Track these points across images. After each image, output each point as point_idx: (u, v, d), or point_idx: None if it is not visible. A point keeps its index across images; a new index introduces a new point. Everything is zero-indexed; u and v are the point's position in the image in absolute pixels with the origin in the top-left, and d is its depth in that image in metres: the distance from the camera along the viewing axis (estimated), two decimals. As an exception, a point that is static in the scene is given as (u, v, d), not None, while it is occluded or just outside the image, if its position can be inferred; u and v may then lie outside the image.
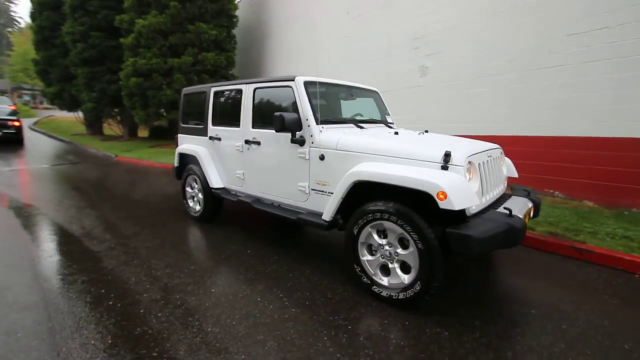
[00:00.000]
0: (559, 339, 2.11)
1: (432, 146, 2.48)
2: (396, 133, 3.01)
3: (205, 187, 4.18)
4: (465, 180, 2.21)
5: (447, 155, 2.30)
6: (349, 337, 2.11)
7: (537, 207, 2.96)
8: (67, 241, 3.77)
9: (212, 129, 4.12)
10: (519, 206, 2.59)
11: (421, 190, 2.17)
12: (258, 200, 3.61)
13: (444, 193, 2.06)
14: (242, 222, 4.53)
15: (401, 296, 2.35)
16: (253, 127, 3.57)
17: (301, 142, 3.02)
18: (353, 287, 2.71)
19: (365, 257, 2.58)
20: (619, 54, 4.27)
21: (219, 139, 4.02)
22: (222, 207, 4.41)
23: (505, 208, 2.35)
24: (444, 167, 2.28)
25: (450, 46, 6.32)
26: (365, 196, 2.59)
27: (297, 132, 3.02)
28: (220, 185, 4.08)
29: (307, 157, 3.03)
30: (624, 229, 3.70)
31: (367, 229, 2.51)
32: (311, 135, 2.98)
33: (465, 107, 6.18)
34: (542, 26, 4.95)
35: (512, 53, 5.40)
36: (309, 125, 3.00)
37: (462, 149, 2.39)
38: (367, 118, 3.71)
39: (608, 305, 2.53)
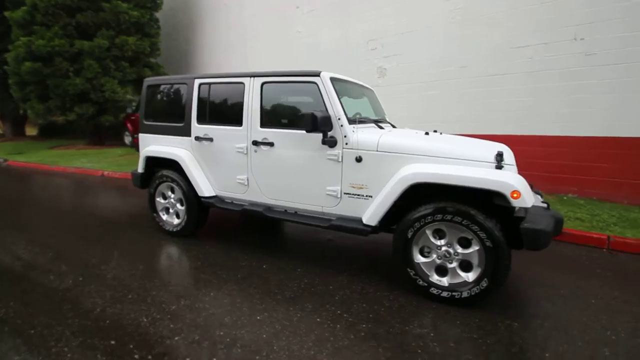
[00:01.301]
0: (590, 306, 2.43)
1: (479, 147, 2.58)
2: (426, 133, 3.04)
3: (190, 197, 3.57)
4: (523, 179, 2.35)
5: (500, 156, 2.42)
6: (441, 345, 2.05)
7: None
8: (9, 280, 2.79)
9: (199, 128, 3.53)
10: (540, 199, 2.89)
11: (491, 190, 2.23)
12: (269, 208, 3.24)
13: (517, 192, 2.15)
14: (225, 232, 4.04)
15: (465, 294, 2.39)
16: (262, 126, 3.17)
17: (332, 143, 2.81)
18: (402, 291, 2.65)
19: (419, 260, 2.55)
20: (555, 66, 5.13)
21: (210, 140, 3.46)
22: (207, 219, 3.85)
23: (542, 202, 2.59)
24: (499, 167, 2.39)
25: (408, 50, 6.71)
26: (404, 199, 2.55)
27: (329, 133, 2.80)
28: (212, 194, 3.53)
29: (339, 160, 2.83)
30: (572, 212, 4.50)
31: (424, 231, 2.48)
32: (345, 136, 2.80)
33: (422, 107, 6.65)
34: (493, 38, 5.63)
35: (465, 60, 6.01)
36: (341, 125, 2.80)
37: (507, 150, 2.54)
38: (365, 117, 3.66)
39: (607, 279, 3.01)
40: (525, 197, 2.16)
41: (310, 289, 2.71)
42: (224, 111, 3.46)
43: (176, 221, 3.82)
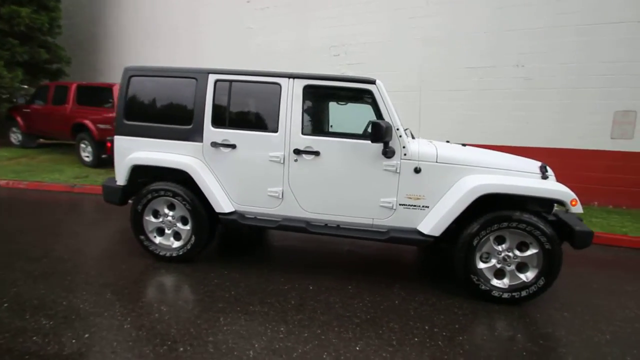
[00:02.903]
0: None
1: (520, 160, 2.87)
2: (463, 145, 3.21)
3: (200, 214, 2.99)
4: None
5: (545, 168, 2.75)
6: (534, 343, 2.20)
7: None
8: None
9: (215, 132, 2.97)
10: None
11: (549, 198, 2.52)
12: (308, 223, 2.95)
13: (576, 200, 2.48)
14: (217, 252, 3.54)
15: (524, 294, 2.63)
16: (304, 133, 2.87)
17: (391, 153, 2.74)
18: (463, 298, 2.75)
19: (481, 266, 2.69)
20: (500, 86, 6.07)
21: (232, 147, 2.95)
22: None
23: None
24: (544, 177, 2.72)
25: (370, 60, 7.00)
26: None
27: (390, 143, 2.72)
28: (231, 209, 3.02)
29: (397, 171, 2.77)
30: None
31: (488, 238, 2.63)
32: (403, 147, 2.76)
33: (337, 117, 7.02)
34: (449, 57, 6.33)
35: (426, 75, 6.60)
36: (400, 136, 2.75)
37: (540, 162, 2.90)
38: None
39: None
40: (580, 204, 2.51)
41: (379, 307, 2.58)
42: (251, 114, 3.02)
43: (176, 244, 3.14)
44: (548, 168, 2.78)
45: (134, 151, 3.12)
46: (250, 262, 3.25)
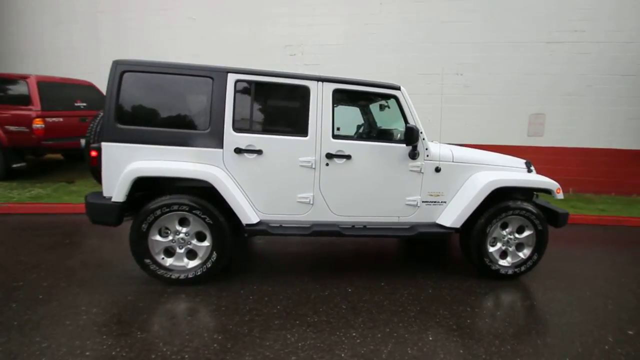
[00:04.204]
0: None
1: (511, 157, 3.39)
2: (461, 145, 3.61)
3: (222, 227, 2.71)
4: (546, 178, 3.33)
5: (529, 163, 3.32)
6: (543, 304, 2.69)
7: None
8: None
9: (238, 137, 2.72)
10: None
11: (543, 188, 3.07)
12: (339, 226, 2.95)
13: (559, 189, 3.08)
14: (243, 264, 3.33)
15: (523, 269, 3.15)
16: (335, 137, 2.85)
17: (416, 155, 2.95)
18: (472, 278, 3.14)
19: (491, 250, 3.11)
20: (445, 91, 6.90)
21: (258, 152, 2.75)
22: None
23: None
24: (529, 171, 3.29)
25: (327, 62, 7.15)
26: None
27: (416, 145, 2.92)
28: (257, 219, 2.82)
29: (421, 171, 3.00)
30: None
31: (498, 225, 3.06)
32: (426, 149, 2.99)
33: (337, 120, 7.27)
34: (401, 63, 6.90)
35: (378, 79, 7.05)
36: (423, 139, 2.98)
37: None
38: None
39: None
40: (562, 192, 3.13)
41: (419, 297, 2.78)
42: (277, 118, 2.86)
43: (192, 264, 2.78)
44: (531, 164, 3.37)
45: (132, 160, 2.64)
46: (268, 273, 3.09)
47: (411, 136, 2.77)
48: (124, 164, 2.64)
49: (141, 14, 7.63)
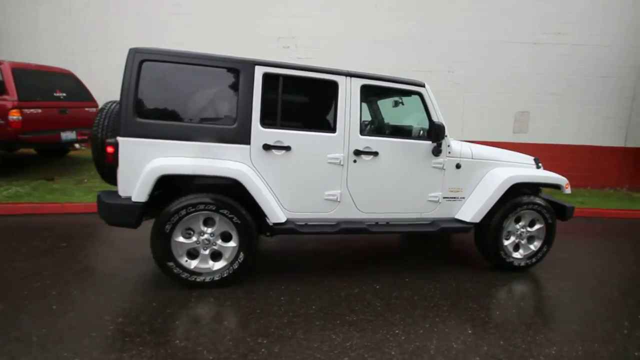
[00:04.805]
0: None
1: (521, 154, 3.52)
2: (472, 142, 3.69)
3: (250, 227, 2.61)
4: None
5: (537, 160, 3.47)
6: (555, 290, 2.85)
7: None
8: None
9: (266, 133, 2.61)
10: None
11: (554, 184, 3.23)
12: (365, 223, 2.94)
13: (568, 184, 3.25)
14: (260, 263, 3.24)
15: (534, 260, 3.29)
16: (362, 133, 2.82)
17: (439, 151, 2.98)
18: (487, 271, 3.25)
19: (506, 243, 3.24)
20: (435, 88, 7.03)
21: (286, 149, 2.65)
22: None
23: None
24: (538, 167, 3.44)
25: (321, 55, 7.05)
26: None
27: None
28: (285, 218, 2.74)
29: (443, 167, 3.04)
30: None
31: (512, 219, 3.18)
32: (448, 145, 3.04)
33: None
34: (396, 59, 6.96)
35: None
36: (446, 135, 3.02)
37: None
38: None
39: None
40: (570, 187, 3.31)
41: (446, 292, 2.84)
42: (305, 113, 2.78)
43: (217, 265, 2.66)
44: (539, 160, 3.53)
45: (153, 157, 2.46)
46: (291, 273, 3.03)
47: (438, 133, 2.81)
48: (144, 161, 2.45)
49: (155, 14, 7.11)
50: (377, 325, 2.32)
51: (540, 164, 3.50)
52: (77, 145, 5.67)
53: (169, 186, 2.62)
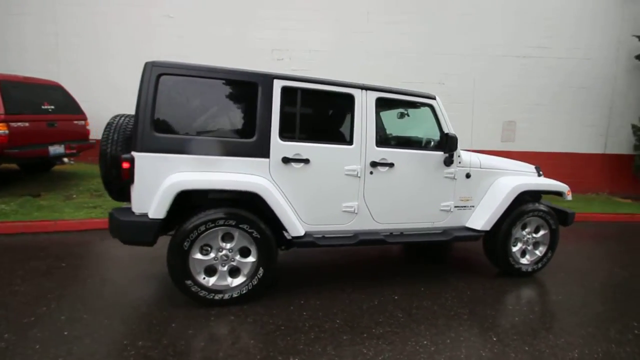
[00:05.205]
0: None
1: (523, 163, 3.66)
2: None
3: (270, 241, 2.57)
4: (553, 181, 3.64)
5: (538, 168, 3.61)
6: (560, 293, 2.95)
7: None
8: None
9: (285, 146, 2.60)
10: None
11: (557, 191, 3.37)
12: (381, 234, 2.95)
13: (569, 191, 3.40)
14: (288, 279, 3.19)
15: (540, 265, 3.40)
16: (378, 145, 2.85)
17: (451, 162, 3.06)
18: (496, 278, 3.34)
19: (514, 249, 3.33)
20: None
21: (305, 161, 2.65)
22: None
23: None
24: (539, 175, 3.58)
25: (316, 67, 7.11)
26: None
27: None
28: (303, 231, 2.71)
29: (454, 177, 3.12)
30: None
31: (519, 226, 3.28)
32: (459, 155, 3.12)
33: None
34: (389, 71, 7.13)
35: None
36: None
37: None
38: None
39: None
40: (571, 194, 3.46)
41: (462, 300, 2.88)
42: (323, 125, 2.79)
43: (236, 282, 2.59)
44: (539, 168, 3.68)
45: (171, 172, 2.40)
46: (307, 286, 2.98)
47: (452, 144, 2.89)
48: (162, 177, 2.38)
49: (110, 7, 6.97)
50: (405, 337, 2.32)
51: (541, 172, 3.65)
52: (65, 160, 5.43)
53: (180, 202, 2.54)
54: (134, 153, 2.39)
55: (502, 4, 7.14)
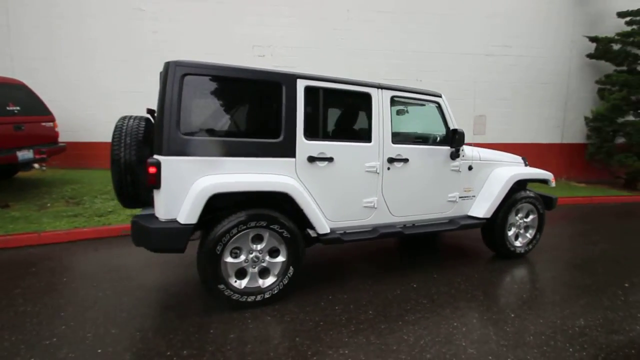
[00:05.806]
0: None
1: (512, 154, 3.98)
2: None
3: (299, 240, 2.60)
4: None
5: (524, 159, 3.96)
6: (552, 270, 3.30)
7: None
8: None
9: (310, 145, 2.62)
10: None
11: (544, 179, 3.73)
12: (396, 227, 3.09)
13: (554, 178, 3.77)
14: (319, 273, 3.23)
15: (530, 247, 3.76)
16: (394, 142, 2.97)
17: (456, 155, 3.27)
18: (493, 261, 3.64)
19: (509, 234, 3.64)
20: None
21: (329, 160, 2.69)
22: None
23: None
24: (526, 165, 3.94)
25: (297, 64, 7.09)
26: None
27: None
28: (329, 228, 2.76)
29: (459, 170, 3.34)
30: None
31: (513, 212, 3.59)
32: (462, 149, 3.34)
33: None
34: (370, 68, 7.29)
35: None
36: (461, 140, 3.32)
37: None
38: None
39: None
40: (554, 181, 3.85)
41: (473, 283, 3.11)
42: (344, 124, 2.83)
43: (267, 282, 2.59)
44: (526, 159, 4.03)
45: (200, 175, 2.33)
46: (328, 281, 3.06)
47: (460, 139, 3.09)
48: (190, 180, 2.32)
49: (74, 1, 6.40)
50: (435, 321, 2.48)
51: (527, 162, 4.01)
52: (36, 166, 4.94)
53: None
54: (159, 157, 2.28)
55: (472, 7, 7.60)
